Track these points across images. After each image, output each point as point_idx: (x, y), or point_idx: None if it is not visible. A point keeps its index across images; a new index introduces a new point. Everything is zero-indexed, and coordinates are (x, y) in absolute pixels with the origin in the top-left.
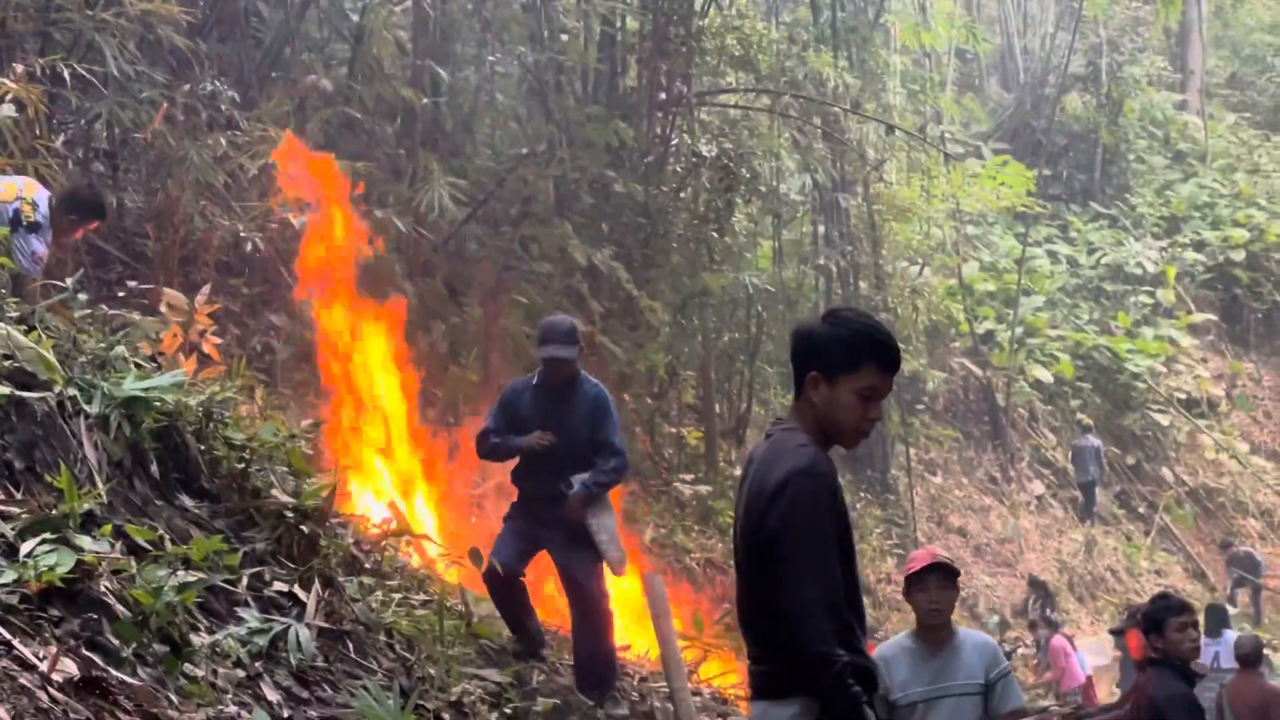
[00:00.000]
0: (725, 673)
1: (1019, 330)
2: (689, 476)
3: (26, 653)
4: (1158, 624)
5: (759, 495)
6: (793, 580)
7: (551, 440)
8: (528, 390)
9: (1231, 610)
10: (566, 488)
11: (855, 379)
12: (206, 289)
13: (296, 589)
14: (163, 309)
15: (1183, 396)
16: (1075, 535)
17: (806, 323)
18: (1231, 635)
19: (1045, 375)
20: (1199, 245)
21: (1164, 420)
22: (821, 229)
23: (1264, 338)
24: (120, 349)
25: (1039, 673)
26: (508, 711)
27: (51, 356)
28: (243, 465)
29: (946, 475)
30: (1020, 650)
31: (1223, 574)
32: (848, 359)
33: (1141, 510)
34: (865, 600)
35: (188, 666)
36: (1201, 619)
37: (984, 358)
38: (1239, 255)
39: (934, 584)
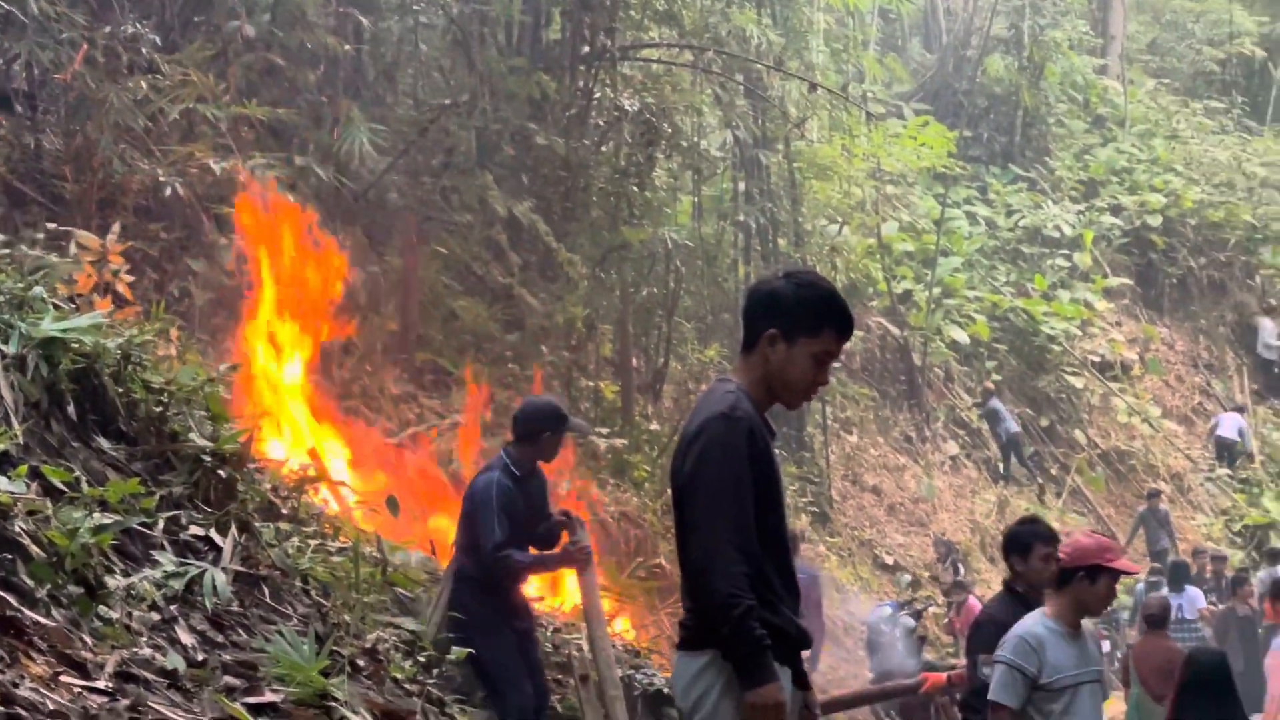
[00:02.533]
0: (638, 625)
1: (936, 291)
2: (605, 430)
3: None
4: (1025, 548)
5: (682, 441)
6: (705, 522)
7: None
8: (507, 480)
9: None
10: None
11: (814, 342)
12: (117, 227)
13: (213, 533)
14: (73, 249)
15: (1097, 360)
16: (988, 496)
17: (768, 281)
18: (1193, 591)
19: (962, 336)
20: (1116, 210)
21: (1078, 383)
22: (742, 186)
23: (1178, 303)
24: (38, 289)
25: (950, 632)
26: (421, 660)
27: None
28: (160, 408)
29: (862, 434)
30: (931, 609)
31: (1130, 525)
32: (810, 322)
33: (1054, 472)
34: None
35: (102, 608)
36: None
37: (901, 317)
38: (1155, 220)
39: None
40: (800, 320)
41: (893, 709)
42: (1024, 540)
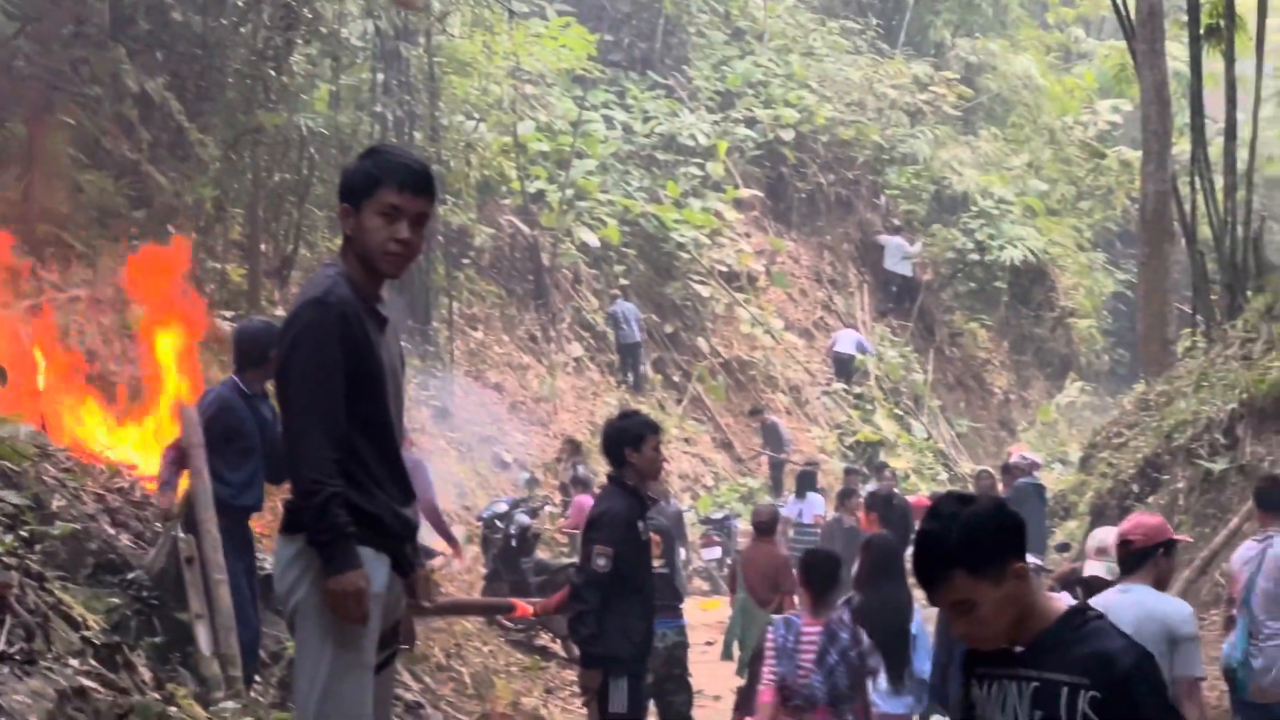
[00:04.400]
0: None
1: (570, 192)
2: (229, 313)
3: None
4: (637, 439)
5: (282, 326)
6: (295, 407)
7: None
8: (231, 395)
9: (757, 483)
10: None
11: (375, 201)
12: None
13: None
14: None
15: (724, 269)
16: (610, 398)
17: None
18: (815, 497)
19: (592, 239)
20: (750, 122)
21: (704, 291)
22: (380, 77)
23: (806, 217)
24: None
25: (565, 531)
26: (24, 534)
27: None
28: None
29: (488, 331)
30: (548, 508)
31: (755, 444)
32: (365, 183)
33: (676, 379)
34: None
35: None
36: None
37: (533, 217)
38: (788, 135)
39: None
40: (357, 187)
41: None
42: (635, 432)
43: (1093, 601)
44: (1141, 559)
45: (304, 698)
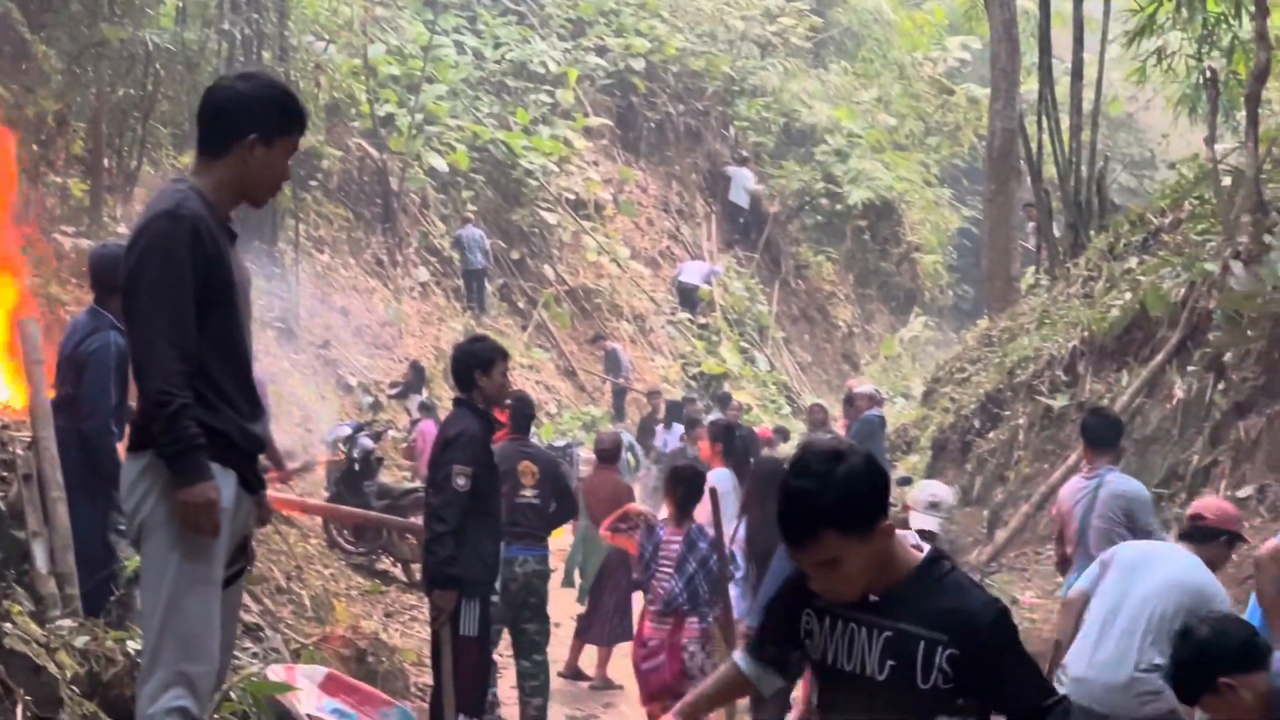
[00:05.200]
0: None
1: (419, 117)
2: (70, 229)
3: None
4: (488, 363)
5: (129, 240)
6: (143, 320)
7: None
8: (121, 339)
9: (600, 411)
10: None
11: (289, 141)
12: None
13: None
14: None
15: (571, 197)
16: (455, 324)
17: (228, 85)
18: (679, 428)
19: (441, 164)
20: (601, 51)
21: (551, 219)
22: None
23: (654, 147)
24: None
25: (409, 456)
26: None
27: None
28: None
29: (334, 254)
30: (391, 433)
31: (600, 372)
32: (286, 124)
33: (521, 305)
34: None
35: None
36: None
37: (382, 141)
38: (639, 64)
39: None
40: (276, 122)
41: (346, 530)
42: (487, 356)
43: (1148, 543)
44: (1205, 537)
45: (150, 612)
